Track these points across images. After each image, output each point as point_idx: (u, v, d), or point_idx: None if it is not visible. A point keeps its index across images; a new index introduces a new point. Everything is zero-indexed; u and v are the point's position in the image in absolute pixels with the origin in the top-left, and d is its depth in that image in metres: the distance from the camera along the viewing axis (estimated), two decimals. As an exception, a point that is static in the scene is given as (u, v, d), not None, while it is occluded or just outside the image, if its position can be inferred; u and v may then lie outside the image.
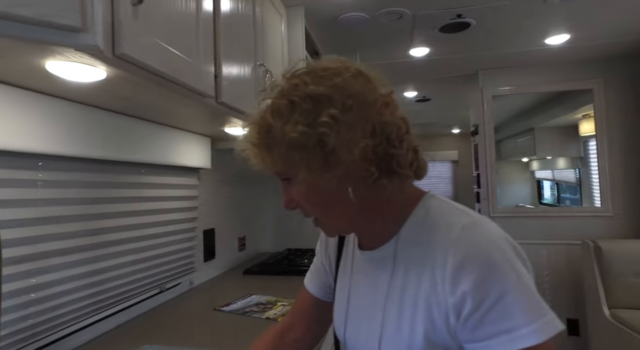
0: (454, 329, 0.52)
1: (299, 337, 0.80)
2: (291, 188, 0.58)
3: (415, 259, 0.57)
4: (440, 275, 0.53)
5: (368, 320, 0.63)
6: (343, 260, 0.73)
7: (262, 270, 1.88)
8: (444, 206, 0.60)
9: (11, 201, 0.82)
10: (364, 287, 0.65)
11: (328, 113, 0.51)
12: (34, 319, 0.87)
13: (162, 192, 1.35)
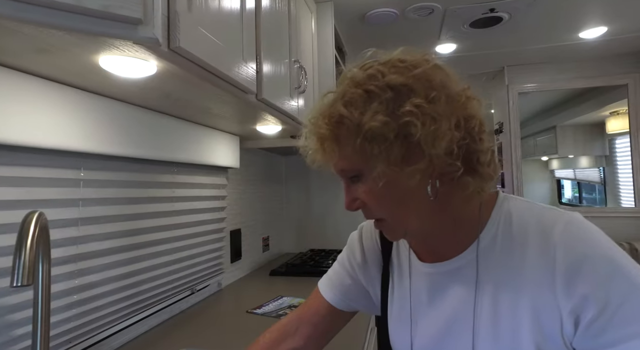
0: (571, 338, 0.47)
1: (298, 346, 0.71)
2: (358, 186, 0.54)
3: (506, 265, 0.52)
4: (548, 279, 0.48)
5: (450, 340, 0.57)
6: (397, 276, 0.66)
7: (288, 271, 1.85)
8: (524, 205, 0.56)
9: (57, 201, 0.81)
10: (437, 304, 0.59)
11: (412, 102, 0.47)
12: (75, 321, 0.85)
13: (193, 192, 1.33)
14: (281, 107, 1.13)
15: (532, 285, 0.49)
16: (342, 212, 2.43)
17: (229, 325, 1.15)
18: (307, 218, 2.48)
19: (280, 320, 0.76)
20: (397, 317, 0.66)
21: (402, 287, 0.65)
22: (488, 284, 0.54)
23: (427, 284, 0.61)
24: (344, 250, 0.77)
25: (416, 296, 0.62)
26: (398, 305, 0.66)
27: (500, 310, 0.52)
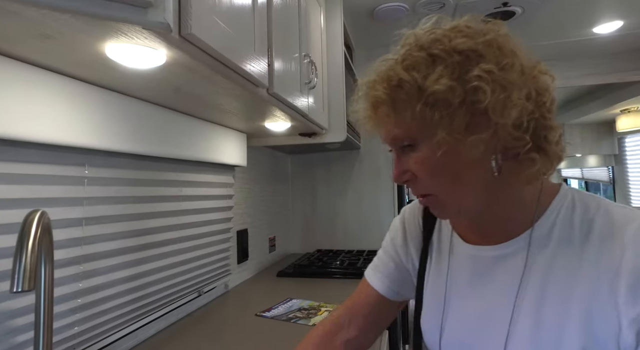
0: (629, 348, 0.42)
1: (352, 337, 0.70)
2: (410, 156, 0.51)
3: (561, 258, 0.48)
4: (610, 280, 0.44)
5: (484, 329, 0.53)
6: (435, 255, 0.64)
7: (295, 272, 1.81)
8: (592, 199, 0.51)
9: (60, 199, 0.77)
10: (476, 288, 0.56)
11: (482, 68, 0.44)
12: (79, 326, 0.81)
13: (201, 191, 1.29)
14: (292, 103, 1.08)
15: (589, 284, 0.45)
16: (350, 212, 2.38)
17: (238, 330, 1.11)
18: (314, 218, 2.44)
19: (331, 313, 0.76)
20: (430, 296, 0.63)
21: (439, 267, 0.63)
22: (536, 275, 0.50)
23: (469, 266, 0.57)
24: (386, 235, 0.76)
25: (454, 277, 0.59)
26: (433, 285, 0.63)
27: (545, 305, 0.48)
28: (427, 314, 0.63)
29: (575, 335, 0.45)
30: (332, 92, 1.67)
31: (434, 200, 0.52)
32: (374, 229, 2.35)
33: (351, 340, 0.71)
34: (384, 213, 2.34)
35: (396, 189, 2.35)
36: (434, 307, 0.62)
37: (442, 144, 0.46)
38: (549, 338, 0.46)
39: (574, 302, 0.46)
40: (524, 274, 0.51)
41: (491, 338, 0.52)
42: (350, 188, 2.39)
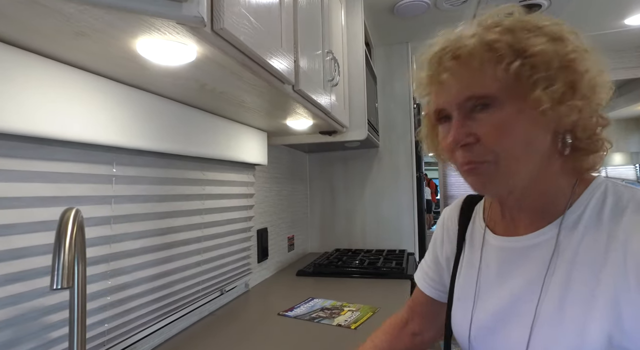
0: None
1: (418, 330, 0.79)
2: (481, 118, 0.50)
3: (589, 247, 0.49)
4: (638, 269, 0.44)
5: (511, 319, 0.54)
6: (467, 251, 0.66)
7: (315, 272, 1.80)
8: (625, 188, 0.51)
9: (90, 198, 0.77)
10: (504, 280, 0.56)
11: (577, 48, 0.48)
12: (109, 323, 0.81)
13: (223, 190, 1.29)
14: (315, 100, 1.07)
15: (616, 273, 0.45)
16: (369, 211, 2.36)
17: (262, 329, 1.10)
18: (332, 217, 2.42)
19: (399, 310, 0.83)
20: (461, 291, 0.65)
21: (471, 261, 0.64)
22: (562, 264, 0.50)
23: (499, 257, 0.59)
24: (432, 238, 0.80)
25: (485, 269, 0.60)
26: (464, 279, 0.65)
27: (571, 292, 0.48)
28: (458, 307, 0.64)
29: (600, 323, 0.45)
30: (352, 89, 1.65)
31: (488, 169, 0.51)
32: (393, 228, 2.32)
33: (416, 333, 0.79)
34: (403, 212, 2.31)
35: (415, 188, 2.32)
36: (465, 300, 0.63)
37: (534, 104, 0.47)
38: (574, 324, 0.46)
39: (601, 290, 0.46)
40: (550, 262, 0.51)
41: (517, 324, 0.52)
42: (369, 187, 2.36)
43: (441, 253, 0.73)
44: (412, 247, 2.29)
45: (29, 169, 0.65)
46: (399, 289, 1.52)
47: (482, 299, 0.59)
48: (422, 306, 0.77)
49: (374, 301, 1.35)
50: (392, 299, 1.38)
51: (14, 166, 0.62)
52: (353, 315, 1.21)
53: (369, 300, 1.37)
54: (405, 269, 1.74)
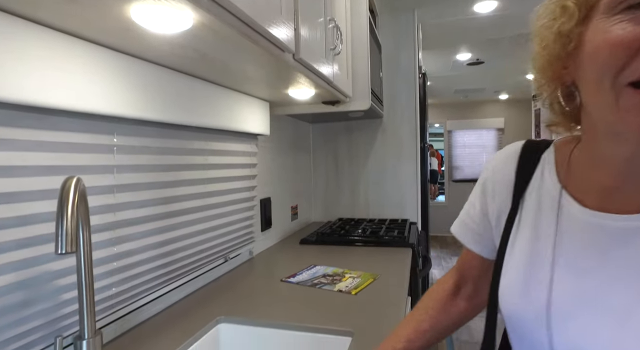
0: None
1: (473, 293, 0.70)
2: None
3: None
4: None
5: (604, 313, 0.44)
6: (532, 214, 0.53)
7: (318, 240, 1.83)
8: None
9: (91, 167, 0.78)
10: (594, 266, 0.45)
11: None
12: (117, 287, 0.85)
13: (226, 160, 1.30)
14: (317, 69, 1.06)
15: None
16: (372, 181, 2.37)
17: (264, 294, 1.14)
18: (336, 187, 2.44)
19: (447, 274, 0.74)
20: (527, 260, 0.52)
21: (539, 229, 0.52)
22: None
23: (587, 235, 0.46)
24: (474, 187, 0.66)
25: (564, 246, 0.48)
26: (531, 247, 0.52)
27: None
28: (523, 284, 0.51)
29: None
30: (356, 58, 1.62)
31: None
32: (396, 198, 2.34)
33: (473, 296, 0.70)
34: (406, 182, 2.32)
35: (419, 158, 2.31)
36: (533, 277, 0.50)
37: None
38: None
39: None
40: None
41: (610, 317, 0.43)
42: (373, 157, 2.36)
43: (492, 208, 0.60)
44: (414, 217, 2.32)
45: (32, 139, 0.66)
46: (400, 257, 1.55)
47: (562, 284, 0.48)
48: (474, 267, 0.67)
49: (375, 268, 1.39)
50: (393, 267, 1.41)
51: (16, 135, 0.63)
52: (354, 282, 1.24)
53: (370, 267, 1.40)
54: (407, 238, 1.77)
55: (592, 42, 0.40)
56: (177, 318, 0.98)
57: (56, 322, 0.71)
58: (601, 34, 0.39)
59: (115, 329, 0.88)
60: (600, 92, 0.40)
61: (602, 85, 0.39)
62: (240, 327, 0.96)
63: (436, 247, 5.70)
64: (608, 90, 0.38)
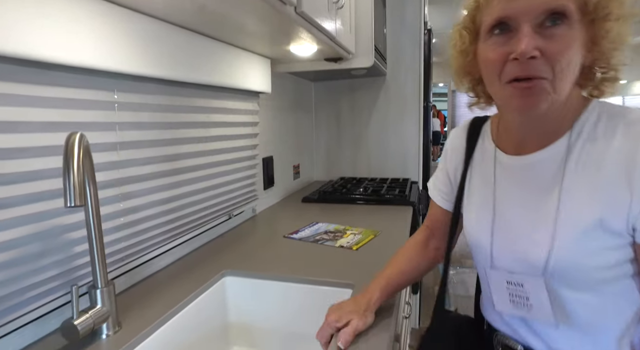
0: (636, 215, 0.53)
1: (439, 245, 0.86)
2: (555, 33, 0.53)
3: (593, 155, 0.57)
4: (628, 169, 0.53)
5: (532, 231, 0.62)
6: (477, 168, 0.73)
7: (320, 199, 1.86)
8: (616, 106, 0.59)
9: (94, 124, 0.78)
10: (522, 194, 0.64)
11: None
12: (126, 241, 0.88)
13: (227, 118, 1.29)
14: (319, 24, 1.03)
15: (611, 174, 0.54)
16: (374, 140, 2.37)
17: (267, 249, 1.18)
18: (338, 146, 2.44)
19: (418, 230, 0.91)
20: (477, 205, 0.72)
21: (485, 178, 0.71)
22: (571, 175, 0.58)
23: (514, 175, 0.66)
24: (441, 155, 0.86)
25: (501, 187, 0.68)
26: (479, 194, 0.72)
27: (574, 198, 0.57)
28: (476, 219, 0.71)
29: (596, 209, 0.55)
30: (359, 13, 1.56)
31: (544, 86, 0.54)
32: (398, 157, 2.34)
33: (439, 247, 0.86)
34: (408, 142, 2.31)
35: (422, 118, 2.29)
36: (483, 212, 0.70)
37: (603, 32, 0.54)
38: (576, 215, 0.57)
39: (600, 189, 0.55)
40: (564, 171, 0.59)
41: (541, 229, 0.60)
42: (375, 116, 2.34)
43: (451, 170, 0.79)
44: (416, 176, 2.33)
45: (32, 94, 0.65)
46: (401, 215, 1.58)
47: (502, 216, 0.67)
48: (440, 221, 0.84)
49: (376, 225, 1.42)
50: (394, 224, 1.44)
51: (16, 90, 0.63)
52: (355, 238, 1.28)
53: (371, 224, 1.43)
54: (408, 196, 1.80)
55: (480, 56, 0.61)
56: (185, 271, 1.02)
57: (71, 273, 0.74)
58: (483, 54, 0.60)
59: (126, 280, 0.92)
60: (493, 86, 0.60)
61: (494, 83, 0.59)
62: (245, 280, 1.00)
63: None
64: (497, 85, 0.59)
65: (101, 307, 0.70)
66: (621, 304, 0.59)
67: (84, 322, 0.66)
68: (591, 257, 0.57)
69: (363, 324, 0.70)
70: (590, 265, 0.57)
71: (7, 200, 0.62)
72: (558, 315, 0.61)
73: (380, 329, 0.72)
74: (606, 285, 0.58)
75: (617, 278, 0.58)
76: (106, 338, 0.70)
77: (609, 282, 0.58)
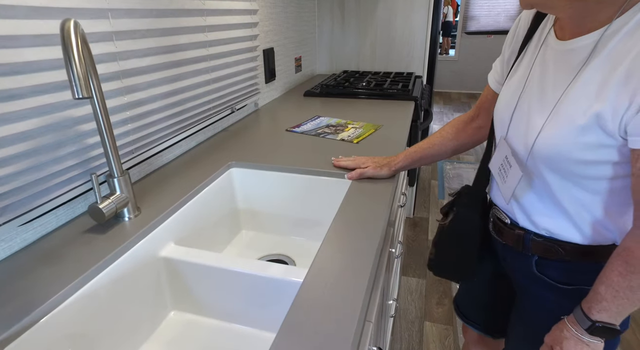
0: (628, 119, 0.54)
1: (483, 124, 0.91)
2: None
3: (621, 49, 0.55)
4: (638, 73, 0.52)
5: (534, 115, 0.65)
6: (529, 50, 0.73)
7: (322, 92, 1.85)
8: None
9: (84, 10, 0.75)
10: (547, 73, 0.66)
11: None
12: (134, 134, 0.90)
13: (223, 5, 1.21)
14: None
15: (627, 72, 0.53)
16: (380, 31, 2.24)
17: (270, 142, 1.21)
18: (342, 38, 2.32)
19: (468, 111, 0.94)
20: (510, 86, 0.74)
21: (529, 60, 0.72)
22: (593, 65, 0.58)
23: (546, 59, 0.67)
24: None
25: (534, 69, 0.69)
26: (518, 75, 0.73)
27: (590, 87, 0.58)
28: (504, 99, 0.75)
29: (597, 104, 0.56)
30: None
31: None
32: (404, 49, 2.25)
33: (482, 126, 0.91)
34: (416, 32, 2.19)
35: (432, 6, 2.13)
36: (511, 97, 0.73)
37: None
38: (585, 103, 0.58)
39: (611, 84, 0.55)
40: (588, 60, 0.59)
41: (540, 111, 0.65)
42: (382, 4, 2.17)
43: (507, 53, 0.80)
44: (421, 70, 2.27)
45: (15, -23, 0.61)
46: (403, 109, 1.58)
47: (527, 95, 0.69)
48: (489, 101, 0.87)
49: (377, 120, 1.44)
50: (396, 118, 1.46)
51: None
52: (356, 132, 1.30)
53: (372, 119, 1.45)
54: (411, 91, 1.78)
55: None
56: (193, 163, 1.07)
57: (88, 163, 0.79)
58: None
59: (139, 171, 0.97)
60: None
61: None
62: (250, 171, 1.06)
63: (439, 103, 5.71)
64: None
65: (120, 193, 0.76)
66: (602, 200, 0.63)
67: (108, 206, 0.72)
68: (573, 151, 0.60)
69: (373, 172, 0.94)
70: (571, 157, 0.60)
71: (15, 92, 0.63)
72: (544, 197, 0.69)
73: (375, 216, 0.79)
74: (588, 180, 0.62)
75: (598, 177, 0.61)
76: (129, 220, 0.77)
77: (591, 178, 0.62)
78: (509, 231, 0.77)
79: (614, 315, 0.61)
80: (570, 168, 0.62)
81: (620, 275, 0.59)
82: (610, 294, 0.60)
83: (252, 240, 1.12)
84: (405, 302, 1.93)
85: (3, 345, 0.50)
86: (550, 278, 0.73)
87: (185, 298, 0.82)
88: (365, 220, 0.77)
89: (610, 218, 0.64)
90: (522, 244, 0.75)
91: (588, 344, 0.64)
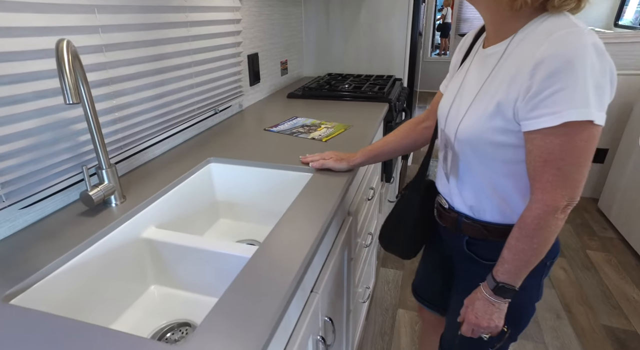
0: (518, 107, 0.67)
1: (432, 124, 1.04)
2: None
3: (518, 52, 0.68)
4: (529, 65, 0.64)
5: (461, 108, 0.79)
6: (469, 59, 0.86)
7: (304, 94, 1.97)
8: (562, 17, 0.65)
9: (78, 28, 0.88)
10: (474, 74, 0.79)
11: None
12: (121, 133, 1.04)
13: (207, 16, 1.34)
14: None
15: (521, 68, 0.66)
16: (363, 36, 2.37)
17: (249, 140, 1.35)
18: (327, 41, 2.45)
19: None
20: (451, 87, 0.88)
21: (465, 66, 0.86)
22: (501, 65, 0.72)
23: (478, 63, 0.80)
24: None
25: (469, 74, 0.82)
26: (455, 79, 0.88)
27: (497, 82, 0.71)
28: (444, 100, 0.88)
29: (499, 95, 0.69)
30: None
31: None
32: (385, 53, 2.37)
33: (430, 126, 1.05)
34: (397, 36, 2.32)
35: (412, 9, 2.26)
36: (449, 95, 0.87)
37: None
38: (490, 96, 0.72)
39: (508, 78, 0.69)
40: (498, 62, 0.73)
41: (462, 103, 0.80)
42: (366, 9, 2.30)
43: (453, 63, 0.94)
44: (401, 73, 2.39)
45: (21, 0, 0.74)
46: (375, 111, 1.71)
47: (461, 93, 0.82)
48: (437, 104, 0.99)
49: (349, 120, 1.57)
50: (366, 119, 1.59)
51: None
52: (327, 131, 1.44)
53: (345, 119, 1.58)
54: (386, 94, 1.90)
55: None
56: (176, 159, 1.20)
57: (81, 157, 0.92)
58: None
59: (126, 165, 1.11)
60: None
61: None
62: (227, 166, 1.19)
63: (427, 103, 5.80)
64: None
65: (108, 183, 0.89)
66: (515, 183, 0.75)
67: (97, 193, 0.86)
68: (484, 134, 0.73)
69: (333, 164, 1.08)
70: (484, 138, 0.73)
71: (19, 97, 0.76)
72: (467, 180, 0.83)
73: (324, 205, 0.92)
74: (500, 164, 0.75)
75: (508, 160, 0.73)
76: (115, 206, 0.91)
77: (502, 161, 0.74)
78: (447, 215, 0.90)
79: (513, 276, 0.74)
80: (485, 150, 0.74)
81: (516, 239, 0.72)
82: (510, 256, 0.73)
83: (229, 228, 1.25)
84: (382, 291, 2.06)
85: (10, 298, 0.63)
86: (478, 255, 0.86)
87: (164, 274, 0.96)
88: (314, 208, 0.90)
89: (524, 200, 0.77)
90: (456, 225, 0.88)
91: (493, 303, 0.77)
